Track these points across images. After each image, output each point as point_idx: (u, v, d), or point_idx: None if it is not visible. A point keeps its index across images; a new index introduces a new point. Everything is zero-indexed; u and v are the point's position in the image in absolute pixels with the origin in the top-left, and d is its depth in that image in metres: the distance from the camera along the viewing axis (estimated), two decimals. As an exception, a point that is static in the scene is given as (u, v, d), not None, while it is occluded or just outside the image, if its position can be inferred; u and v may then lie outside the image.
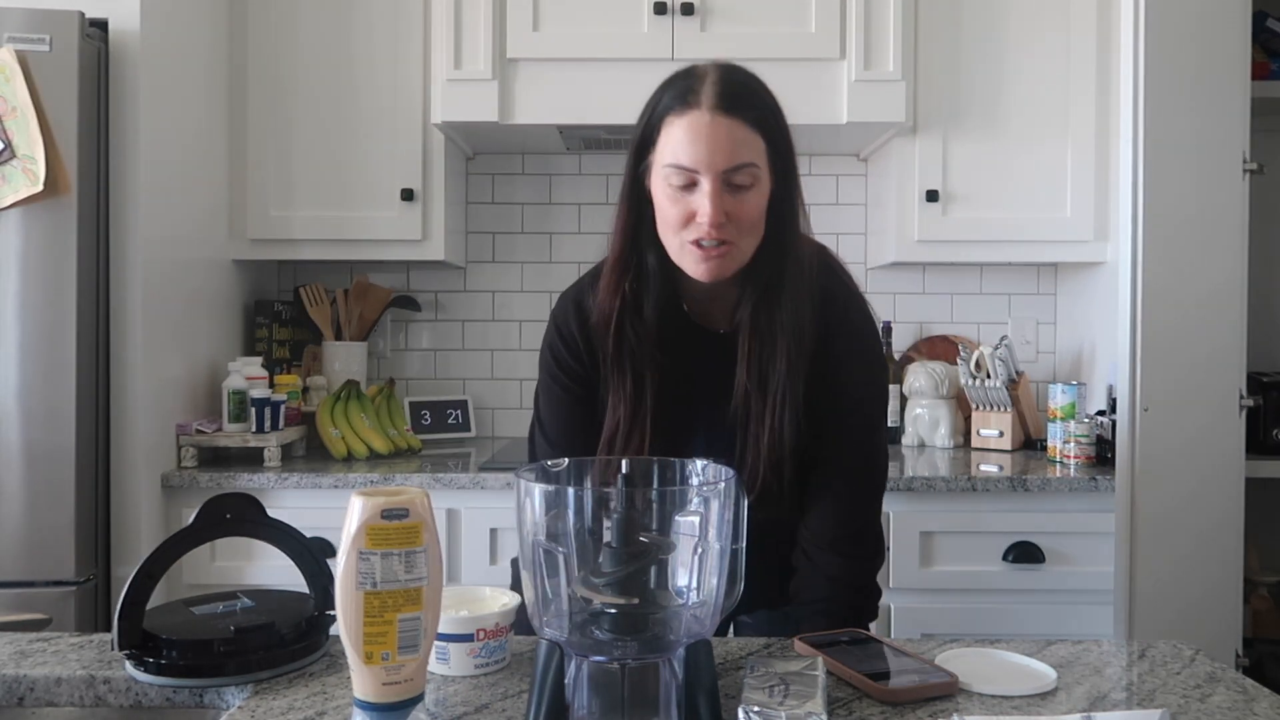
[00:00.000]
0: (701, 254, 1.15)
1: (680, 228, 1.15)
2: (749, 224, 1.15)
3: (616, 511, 0.83)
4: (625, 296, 1.22)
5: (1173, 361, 2.02)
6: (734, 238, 1.15)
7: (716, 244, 1.14)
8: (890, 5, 2.31)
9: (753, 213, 1.15)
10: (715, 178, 1.12)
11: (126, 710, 1.00)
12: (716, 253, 1.14)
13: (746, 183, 1.13)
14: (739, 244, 1.16)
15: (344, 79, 2.44)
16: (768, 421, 1.21)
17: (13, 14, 1.90)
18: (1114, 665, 1.05)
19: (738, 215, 1.14)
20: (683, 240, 1.16)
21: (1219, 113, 2.03)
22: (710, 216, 1.11)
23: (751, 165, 1.13)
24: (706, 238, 1.13)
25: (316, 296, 2.66)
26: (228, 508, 1.05)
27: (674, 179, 1.14)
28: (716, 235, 1.13)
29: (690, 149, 1.12)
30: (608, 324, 1.23)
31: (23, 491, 1.91)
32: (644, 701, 0.83)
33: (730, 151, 1.12)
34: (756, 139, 1.14)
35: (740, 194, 1.14)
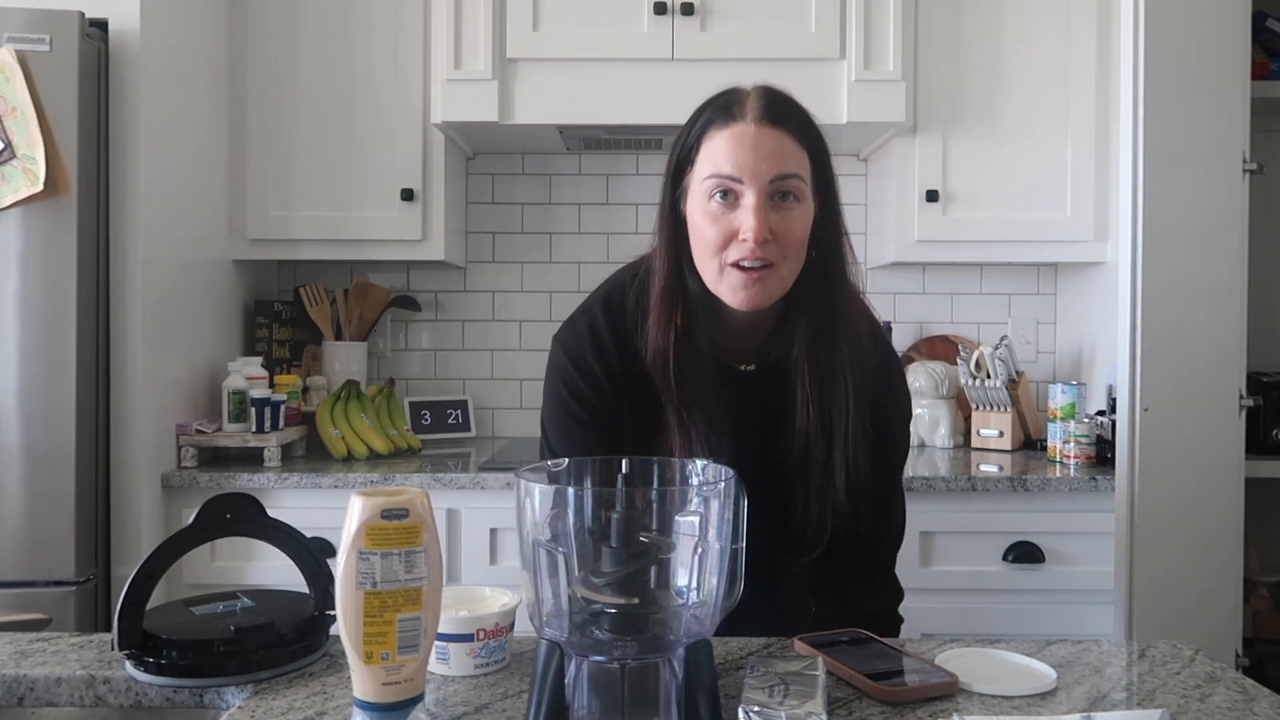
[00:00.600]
0: (742, 278, 1.07)
1: (720, 249, 1.07)
2: (794, 244, 1.08)
3: (617, 511, 0.83)
4: (678, 330, 1.12)
5: (1173, 361, 2.02)
6: (777, 259, 1.07)
7: (759, 265, 1.06)
8: (890, 5, 2.31)
9: (798, 231, 1.07)
10: (760, 189, 1.05)
11: (126, 710, 1.00)
12: (758, 275, 1.06)
13: (793, 195, 1.07)
14: (781, 268, 1.08)
15: (344, 79, 2.44)
16: (839, 463, 1.13)
17: (13, 14, 1.90)
18: (1114, 665, 1.05)
19: (782, 233, 1.06)
20: (722, 263, 1.07)
21: (1219, 113, 2.03)
22: (755, 231, 1.04)
23: (797, 177, 1.07)
24: (749, 257, 1.05)
25: (316, 296, 2.66)
26: (228, 508, 1.05)
27: (714, 189, 1.07)
28: (760, 254, 1.05)
29: (734, 157, 1.06)
30: (665, 362, 1.13)
31: (23, 491, 1.91)
32: (644, 701, 0.83)
33: (777, 159, 1.06)
34: (802, 154, 1.09)
35: (785, 210, 1.07)
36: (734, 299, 1.09)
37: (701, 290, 1.13)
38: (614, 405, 1.20)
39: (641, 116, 2.33)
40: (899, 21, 2.31)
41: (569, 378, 1.21)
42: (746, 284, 1.07)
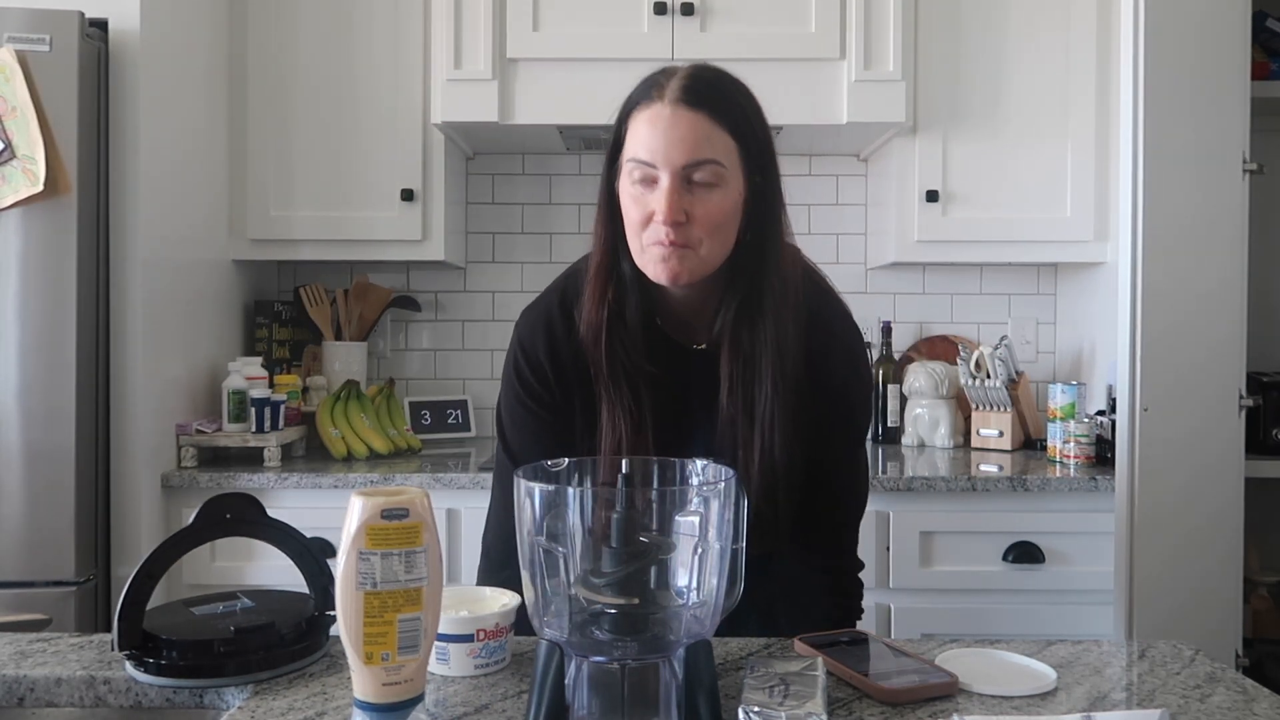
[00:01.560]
0: (659, 253, 1.08)
1: (641, 228, 1.09)
2: (711, 226, 1.08)
3: (616, 511, 0.83)
4: (610, 306, 1.15)
5: (1173, 361, 2.02)
6: (693, 241, 1.08)
7: (668, 247, 1.07)
8: (890, 5, 2.31)
9: (715, 214, 1.08)
10: (673, 174, 1.06)
11: (126, 710, 1.00)
12: (672, 253, 1.07)
13: (708, 180, 1.07)
14: (699, 248, 1.09)
15: (344, 79, 2.44)
16: (757, 445, 1.14)
17: (13, 14, 1.90)
18: (1114, 665, 1.05)
19: (698, 216, 1.07)
20: (643, 243, 1.10)
21: (1219, 113, 2.03)
22: (665, 214, 1.06)
23: (713, 163, 1.07)
24: (663, 241, 1.07)
25: (316, 296, 2.66)
26: (228, 508, 1.05)
27: (635, 174, 1.09)
28: (672, 236, 1.06)
29: (649, 141, 1.07)
30: (596, 336, 1.16)
31: (23, 491, 1.91)
32: (644, 702, 0.83)
33: (690, 146, 1.06)
34: (723, 136, 1.08)
35: (701, 193, 1.08)
36: (655, 274, 1.10)
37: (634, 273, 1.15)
38: (564, 395, 1.21)
39: (641, 116, 2.32)
40: (899, 21, 2.31)
41: (520, 367, 1.23)
42: (662, 259, 1.08)
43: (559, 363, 1.21)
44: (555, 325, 1.22)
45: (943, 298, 2.82)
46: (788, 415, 1.15)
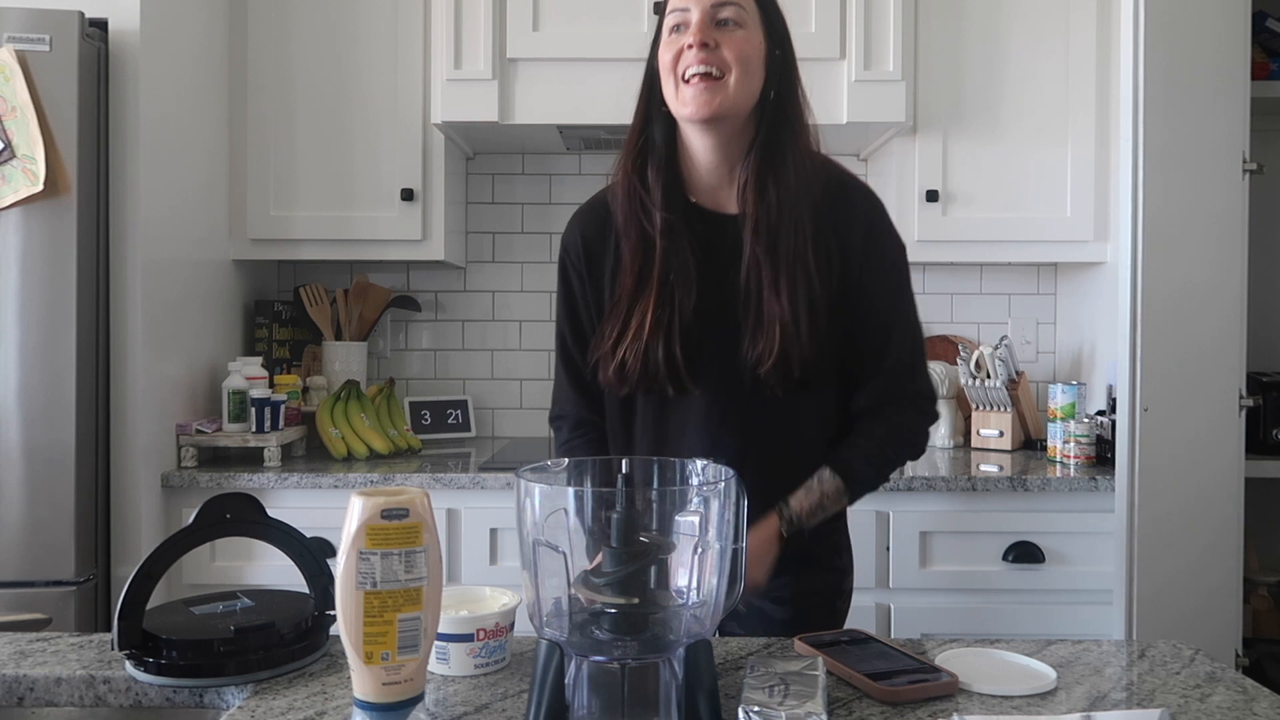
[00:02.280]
0: (691, 89, 1.19)
1: (674, 65, 1.21)
2: (737, 56, 1.20)
3: (616, 511, 0.83)
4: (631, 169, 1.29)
5: (1173, 361, 2.02)
6: (722, 68, 1.19)
7: (702, 69, 1.18)
8: (890, 5, 2.31)
9: (741, 46, 1.20)
10: (703, 11, 1.20)
11: (126, 710, 1.00)
12: (705, 84, 1.19)
13: (733, 19, 1.20)
14: (727, 80, 1.20)
15: (344, 79, 2.44)
16: (783, 283, 1.22)
17: (13, 14, 1.90)
18: (1114, 665, 1.05)
19: (726, 45, 1.19)
20: (677, 79, 1.21)
21: (1219, 113, 2.03)
22: (696, 37, 1.18)
23: (735, 4, 1.21)
24: (695, 63, 1.18)
25: (316, 296, 2.66)
26: (228, 508, 1.05)
27: (670, 22, 1.22)
28: (703, 58, 1.18)
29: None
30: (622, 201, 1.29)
31: (23, 491, 1.91)
32: (644, 701, 0.83)
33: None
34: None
35: (727, 30, 1.20)
36: (687, 110, 1.21)
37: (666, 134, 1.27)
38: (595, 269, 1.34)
39: (641, 116, 2.33)
40: (899, 21, 2.31)
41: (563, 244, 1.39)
42: (696, 94, 1.19)
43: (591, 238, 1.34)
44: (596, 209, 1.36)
45: (943, 298, 2.82)
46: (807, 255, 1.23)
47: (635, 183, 1.28)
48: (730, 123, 1.24)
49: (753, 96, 1.24)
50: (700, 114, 1.20)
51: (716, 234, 1.28)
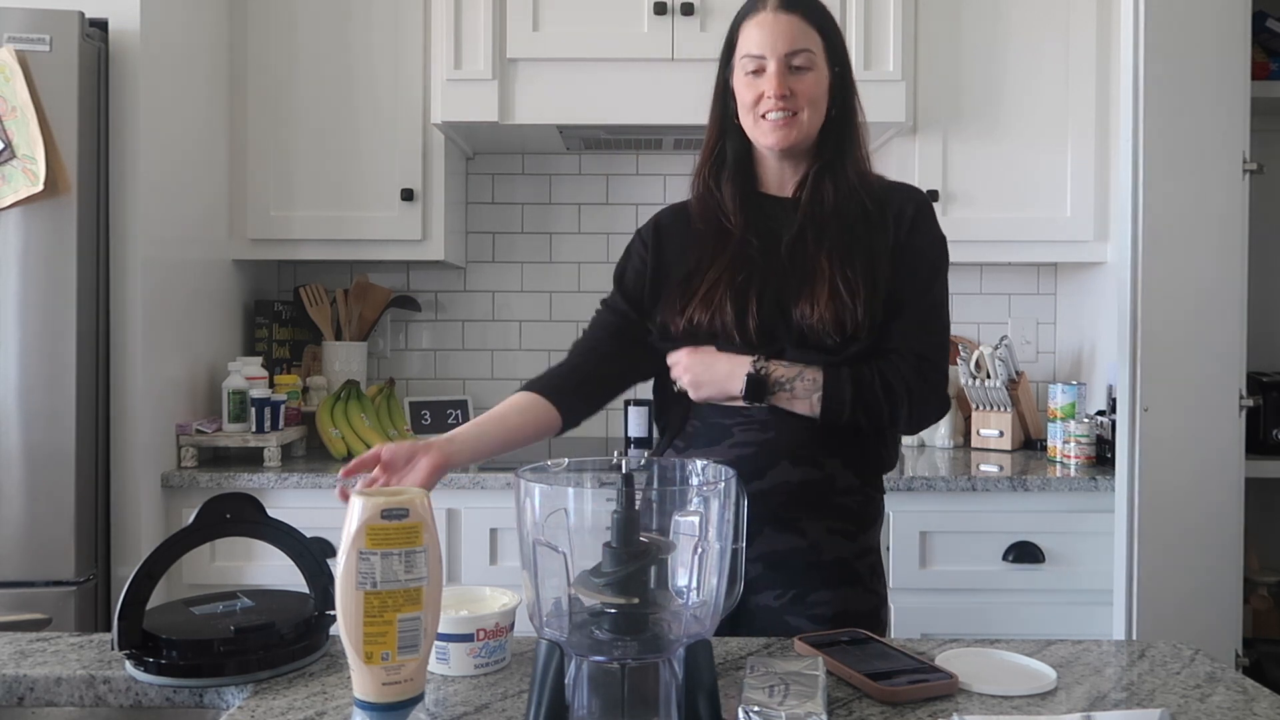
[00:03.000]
0: (771, 124, 1.36)
1: (753, 106, 1.37)
2: (808, 99, 1.36)
3: (617, 511, 0.83)
4: (707, 177, 1.45)
5: (1173, 361, 2.02)
6: (797, 109, 1.36)
7: (781, 114, 1.35)
8: (890, 5, 2.31)
9: (811, 88, 1.37)
10: (779, 60, 1.35)
11: (126, 710, 1.00)
12: (783, 122, 1.35)
13: (804, 65, 1.36)
14: (801, 116, 1.36)
15: (344, 79, 2.44)
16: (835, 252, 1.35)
17: (13, 14, 1.90)
18: (1114, 665, 1.05)
19: (799, 90, 1.36)
20: (755, 116, 1.37)
21: (1219, 113, 2.03)
22: (774, 89, 1.34)
23: (807, 51, 1.36)
24: (774, 108, 1.35)
25: (316, 296, 2.66)
26: (228, 508, 1.05)
27: (748, 66, 1.37)
28: (781, 105, 1.35)
29: (759, 40, 1.36)
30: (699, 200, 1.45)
31: (23, 491, 1.91)
32: (644, 701, 0.83)
33: (790, 39, 1.35)
34: (812, 33, 1.38)
35: (800, 75, 1.36)
36: (768, 140, 1.38)
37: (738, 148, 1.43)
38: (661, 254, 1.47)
39: (641, 116, 2.33)
40: (899, 22, 2.31)
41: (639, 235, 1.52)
42: (775, 128, 1.37)
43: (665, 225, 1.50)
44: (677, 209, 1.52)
45: (943, 298, 2.81)
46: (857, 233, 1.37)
47: (712, 188, 1.44)
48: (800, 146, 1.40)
49: (819, 121, 1.40)
50: (779, 146, 1.37)
51: (777, 214, 1.43)
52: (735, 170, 1.44)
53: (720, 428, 1.37)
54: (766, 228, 1.42)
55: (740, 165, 1.45)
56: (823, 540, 1.36)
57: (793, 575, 1.33)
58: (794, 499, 1.34)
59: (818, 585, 1.34)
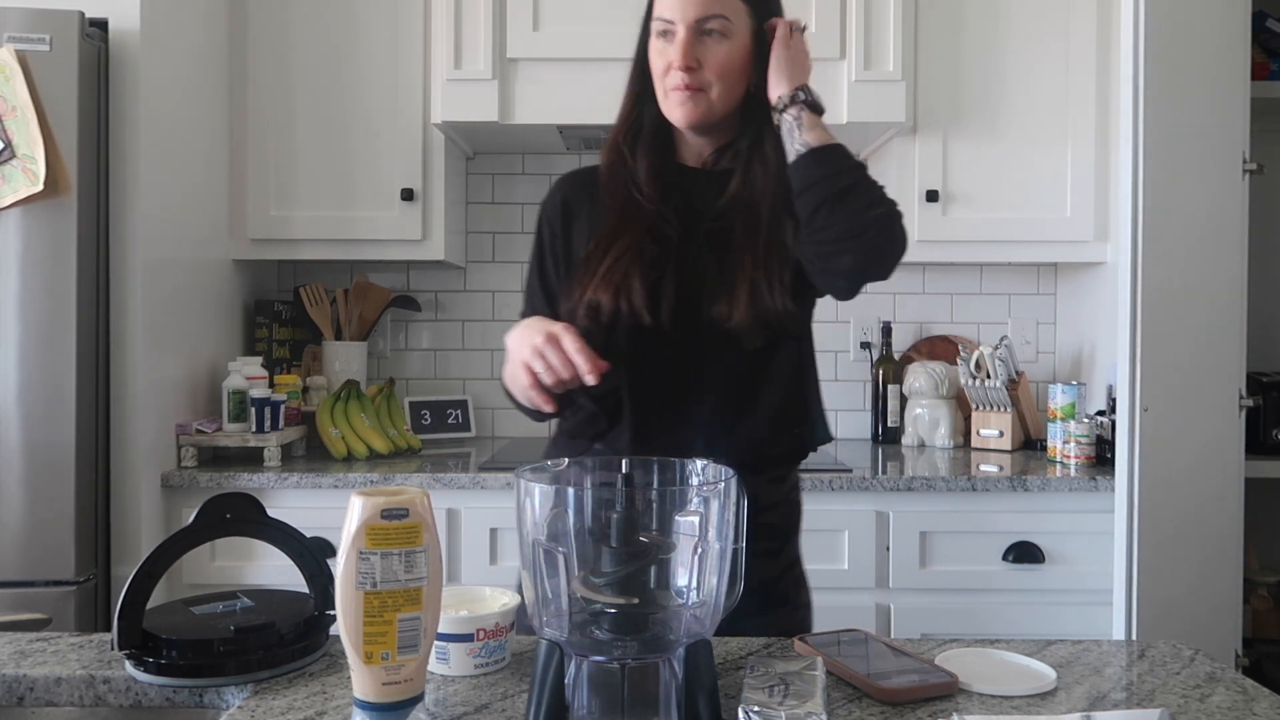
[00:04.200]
0: (677, 98, 1.25)
1: (663, 76, 1.27)
2: (719, 71, 1.24)
3: (617, 511, 0.83)
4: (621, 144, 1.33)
5: (1173, 361, 2.02)
6: (704, 84, 1.25)
7: (685, 88, 1.24)
8: (890, 5, 2.31)
9: (723, 61, 1.25)
10: (687, 27, 1.24)
11: (126, 710, 1.00)
12: (687, 97, 1.24)
13: (717, 30, 1.24)
14: (710, 92, 1.25)
15: (344, 79, 2.44)
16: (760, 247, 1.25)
17: (13, 14, 1.90)
18: (1114, 665, 1.05)
19: (708, 62, 1.24)
20: (665, 88, 1.27)
21: (1219, 113, 2.03)
22: (679, 60, 1.23)
23: (721, 17, 1.24)
24: (678, 86, 1.24)
25: (316, 296, 2.66)
26: (228, 508, 1.05)
27: (658, 29, 1.26)
28: (685, 80, 1.23)
29: (669, 3, 1.25)
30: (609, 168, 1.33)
31: (23, 491, 1.91)
32: (644, 701, 0.83)
33: (702, 2, 1.24)
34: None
35: (711, 44, 1.24)
36: (673, 116, 1.28)
37: (656, 117, 1.32)
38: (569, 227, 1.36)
39: (641, 116, 2.33)
40: (899, 21, 2.31)
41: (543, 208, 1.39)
42: (680, 103, 1.26)
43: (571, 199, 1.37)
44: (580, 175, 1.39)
45: (943, 298, 2.82)
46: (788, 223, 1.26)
47: (626, 156, 1.32)
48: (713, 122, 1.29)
49: (736, 100, 1.28)
50: (684, 123, 1.27)
51: (698, 189, 1.32)
52: (653, 140, 1.32)
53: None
54: (685, 204, 1.31)
55: (658, 136, 1.32)
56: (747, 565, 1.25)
57: None
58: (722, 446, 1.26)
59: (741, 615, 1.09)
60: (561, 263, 1.34)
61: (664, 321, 1.24)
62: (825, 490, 2.13)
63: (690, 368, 1.29)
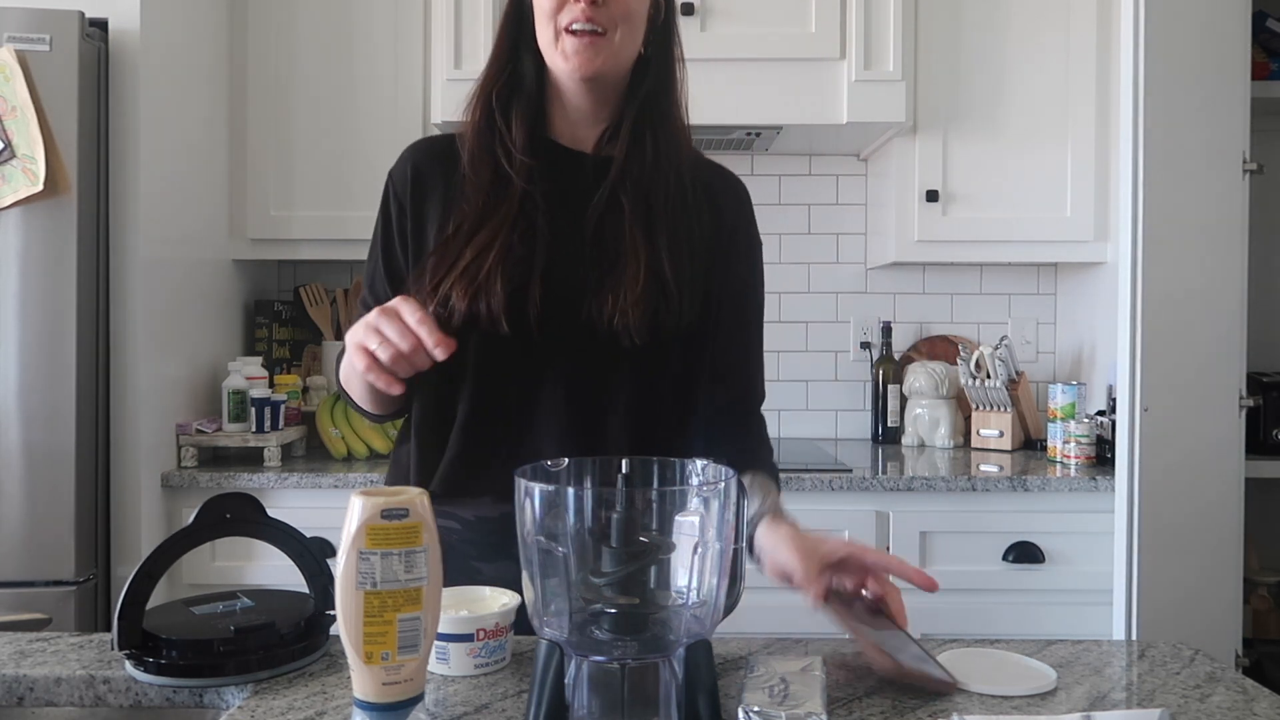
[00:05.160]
0: (575, 43, 1.09)
1: (555, 12, 1.10)
2: (624, 12, 1.10)
3: (617, 511, 0.83)
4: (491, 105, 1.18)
5: (1173, 361, 2.02)
6: (608, 25, 1.10)
7: (589, 29, 1.09)
8: (890, 5, 2.31)
9: (629, 4, 1.11)
10: None
11: (126, 710, 1.00)
12: (589, 40, 1.09)
13: None
14: (612, 36, 1.10)
15: (344, 79, 2.44)
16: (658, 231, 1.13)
17: (13, 14, 1.90)
18: (1114, 665, 1.05)
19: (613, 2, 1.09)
20: (557, 28, 1.10)
21: (1219, 113, 2.03)
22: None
23: None
24: (580, 18, 1.08)
25: (316, 296, 2.66)
26: (228, 508, 1.05)
27: None
28: (589, 13, 1.08)
29: None
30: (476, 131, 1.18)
31: (23, 491, 1.91)
32: (644, 701, 0.83)
33: None
34: None
35: None
36: (567, 65, 1.11)
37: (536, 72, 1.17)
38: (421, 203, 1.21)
39: (641, 116, 2.33)
40: (899, 21, 2.31)
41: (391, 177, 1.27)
42: (579, 49, 1.10)
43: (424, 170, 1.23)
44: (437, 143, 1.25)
45: (943, 298, 2.82)
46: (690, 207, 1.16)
47: (496, 120, 1.16)
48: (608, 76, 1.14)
49: (634, 55, 1.15)
50: (582, 72, 1.11)
51: (572, 171, 1.18)
52: (531, 102, 1.16)
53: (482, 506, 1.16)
54: (557, 188, 1.15)
55: (537, 96, 1.16)
56: None
57: None
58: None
59: None
60: (410, 244, 1.18)
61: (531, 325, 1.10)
62: (825, 490, 2.13)
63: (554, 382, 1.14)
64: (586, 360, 1.14)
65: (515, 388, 1.15)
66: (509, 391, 1.15)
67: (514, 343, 1.11)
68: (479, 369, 1.14)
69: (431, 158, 1.23)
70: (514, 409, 1.15)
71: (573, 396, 1.15)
